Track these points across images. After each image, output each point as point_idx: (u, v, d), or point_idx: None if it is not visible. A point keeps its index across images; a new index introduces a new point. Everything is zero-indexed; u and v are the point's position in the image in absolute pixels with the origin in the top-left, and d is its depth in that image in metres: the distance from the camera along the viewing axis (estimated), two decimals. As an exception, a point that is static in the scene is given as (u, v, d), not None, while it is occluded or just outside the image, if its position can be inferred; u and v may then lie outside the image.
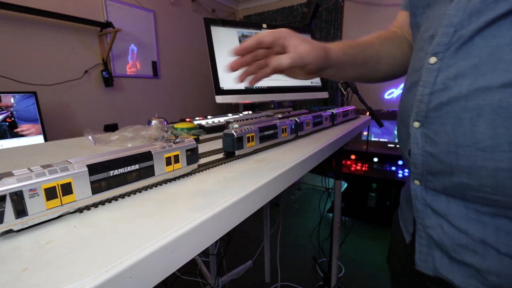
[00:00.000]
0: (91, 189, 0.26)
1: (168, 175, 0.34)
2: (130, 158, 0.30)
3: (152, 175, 0.32)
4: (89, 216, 0.26)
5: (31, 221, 0.23)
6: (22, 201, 0.22)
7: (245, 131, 0.46)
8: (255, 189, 0.34)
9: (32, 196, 0.22)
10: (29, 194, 0.22)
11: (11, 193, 0.21)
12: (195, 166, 0.38)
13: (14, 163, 0.45)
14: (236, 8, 3.58)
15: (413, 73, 0.40)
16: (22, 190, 0.22)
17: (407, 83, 0.42)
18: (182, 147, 0.35)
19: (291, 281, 1.54)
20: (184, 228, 0.24)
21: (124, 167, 0.29)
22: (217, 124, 0.78)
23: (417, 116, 0.37)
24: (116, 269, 0.18)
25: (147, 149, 0.31)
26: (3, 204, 0.21)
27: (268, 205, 1.52)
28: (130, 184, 0.30)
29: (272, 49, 0.41)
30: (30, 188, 0.22)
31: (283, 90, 1.15)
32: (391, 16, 2.75)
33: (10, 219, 0.21)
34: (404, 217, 0.48)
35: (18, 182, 0.22)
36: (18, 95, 1.43)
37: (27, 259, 0.19)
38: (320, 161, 0.56)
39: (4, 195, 0.21)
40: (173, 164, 0.34)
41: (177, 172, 0.35)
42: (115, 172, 0.28)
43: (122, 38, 2.22)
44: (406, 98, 0.41)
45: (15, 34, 1.63)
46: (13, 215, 0.22)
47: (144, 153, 0.31)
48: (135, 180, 0.30)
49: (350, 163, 2.43)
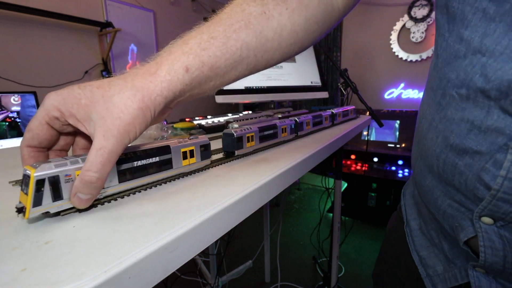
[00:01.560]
0: (118, 178, 0.28)
1: (184, 169, 0.36)
2: (151, 151, 0.32)
3: (170, 168, 0.34)
4: (89, 216, 0.26)
5: (65, 205, 0.25)
6: (59, 185, 0.24)
7: (245, 131, 0.46)
8: (255, 189, 0.33)
9: (67, 181, 0.24)
10: (65, 179, 0.24)
11: (50, 177, 0.23)
12: (208, 161, 0.41)
13: (14, 163, 0.45)
14: (236, 8, 3.58)
15: (466, 134, 0.29)
16: (59, 175, 0.24)
17: (451, 137, 0.31)
18: (196, 143, 0.38)
19: (291, 281, 1.54)
20: (184, 228, 0.24)
21: (146, 159, 0.31)
22: (217, 124, 0.78)
23: (492, 212, 0.28)
24: (115, 269, 0.18)
25: (166, 143, 0.34)
26: (42, 188, 0.23)
27: (268, 205, 1.52)
28: (151, 175, 0.32)
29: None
30: (66, 173, 0.24)
31: (283, 90, 1.15)
32: (391, 16, 2.75)
33: (47, 202, 0.23)
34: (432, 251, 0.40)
35: (56, 168, 0.23)
36: (22, 98, 1.42)
37: (26, 259, 0.19)
38: (320, 161, 0.56)
39: (43, 179, 0.23)
40: (188, 159, 0.37)
41: (192, 166, 0.38)
42: (138, 163, 0.30)
43: (122, 38, 2.22)
44: (451, 161, 0.31)
45: (15, 34, 1.63)
46: (51, 198, 0.23)
47: (163, 147, 0.33)
48: (156, 172, 0.32)
49: (350, 163, 2.43)
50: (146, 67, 0.27)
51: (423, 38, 2.65)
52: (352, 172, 2.26)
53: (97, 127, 0.23)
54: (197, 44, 0.28)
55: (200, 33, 0.29)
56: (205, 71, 0.28)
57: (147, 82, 0.25)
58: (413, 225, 0.44)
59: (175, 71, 0.27)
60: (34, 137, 0.25)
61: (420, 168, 0.39)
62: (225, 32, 0.29)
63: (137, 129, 0.25)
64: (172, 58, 0.27)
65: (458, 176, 0.31)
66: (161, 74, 0.26)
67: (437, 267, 0.39)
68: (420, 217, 0.43)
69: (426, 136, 0.36)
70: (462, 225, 0.32)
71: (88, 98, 0.24)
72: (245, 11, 0.31)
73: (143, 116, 0.25)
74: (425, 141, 0.36)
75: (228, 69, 0.30)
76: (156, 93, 0.25)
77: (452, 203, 0.33)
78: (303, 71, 1.29)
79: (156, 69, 0.26)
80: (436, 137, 0.33)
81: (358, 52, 3.04)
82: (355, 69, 2.91)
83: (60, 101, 0.24)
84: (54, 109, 0.24)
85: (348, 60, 3.05)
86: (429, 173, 0.36)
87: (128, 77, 0.26)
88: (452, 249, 0.38)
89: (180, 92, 0.27)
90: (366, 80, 2.98)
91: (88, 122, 0.24)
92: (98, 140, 0.23)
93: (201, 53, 0.28)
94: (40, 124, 0.25)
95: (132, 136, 0.25)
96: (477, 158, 0.29)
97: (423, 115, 0.38)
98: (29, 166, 0.23)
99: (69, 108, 0.24)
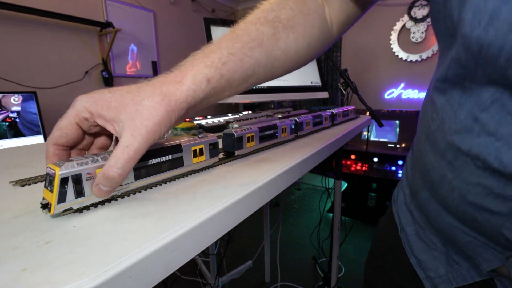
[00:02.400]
0: (134, 175, 0.30)
1: (194, 166, 0.38)
2: (164, 149, 0.33)
3: (182, 165, 0.36)
4: (89, 216, 0.26)
5: (87, 201, 0.26)
6: (81, 183, 0.25)
7: (245, 131, 0.46)
8: (255, 189, 0.33)
9: (88, 179, 0.26)
10: (86, 177, 0.26)
11: (73, 175, 0.25)
12: (216, 159, 0.42)
13: (14, 163, 0.45)
14: (236, 8, 3.58)
15: (485, 196, 0.29)
16: (81, 173, 0.25)
17: (468, 196, 0.31)
18: (206, 142, 0.39)
19: (291, 281, 1.54)
20: (184, 228, 0.24)
21: (160, 157, 0.32)
22: (217, 124, 0.78)
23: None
24: (115, 269, 0.18)
25: (178, 142, 0.35)
26: (66, 185, 0.24)
27: (268, 205, 1.52)
28: (164, 172, 0.33)
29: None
30: (88, 172, 0.26)
31: (283, 90, 1.15)
32: (391, 16, 2.75)
33: (71, 198, 0.25)
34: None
35: (78, 166, 0.25)
36: (22, 100, 1.42)
37: (27, 259, 0.19)
38: (320, 161, 0.56)
39: (67, 177, 0.24)
40: (198, 157, 0.38)
41: (201, 164, 0.39)
42: (152, 161, 0.32)
43: (122, 38, 2.22)
44: (471, 214, 0.31)
45: (15, 34, 1.63)
46: (74, 195, 0.25)
47: (175, 145, 0.35)
48: (168, 169, 0.34)
49: (350, 163, 2.43)
50: (172, 76, 0.30)
51: (423, 38, 2.65)
52: (352, 172, 2.26)
53: (126, 126, 0.26)
54: (218, 58, 0.31)
55: (220, 48, 0.32)
56: (222, 83, 0.32)
57: (174, 89, 0.28)
58: (409, 230, 0.45)
59: (199, 81, 0.30)
60: (62, 135, 0.27)
61: (430, 203, 0.38)
62: (242, 49, 0.33)
63: (162, 130, 0.28)
64: (195, 69, 0.30)
65: (479, 226, 0.31)
66: (186, 83, 0.29)
67: (439, 269, 0.40)
68: (415, 223, 0.44)
69: (438, 185, 0.35)
70: (484, 256, 0.33)
71: (118, 101, 0.26)
72: (259, 31, 0.34)
73: (169, 119, 0.28)
74: (437, 187, 0.36)
75: (241, 81, 0.34)
76: (181, 100, 0.29)
77: (473, 240, 0.33)
78: (303, 71, 1.29)
79: (181, 78, 0.29)
80: (451, 191, 0.33)
81: (358, 52, 3.04)
82: (355, 69, 2.91)
83: (91, 103, 0.26)
84: (84, 110, 0.26)
85: (348, 60, 3.05)
86: (446, 213, 0.36)
87: (156, 83, 0.29)
88: (459, 254, 0.38)
89: (201, 100, 0.31)
90: (366, 80, 2.98)
91: (116, 122, 0.26)
92: (126, 138, 0.25)
93: (221, 67, 0.31)
94: (70, 124, 0.27)
95: (157, 136, 0.27)
96: (497, 216, 0.29)
97: (428, 161, 0.37)
98: (52, 165, 0.24)
99: (99, 109, 0.26)
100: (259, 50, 0.34)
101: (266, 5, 0.37)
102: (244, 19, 0.36)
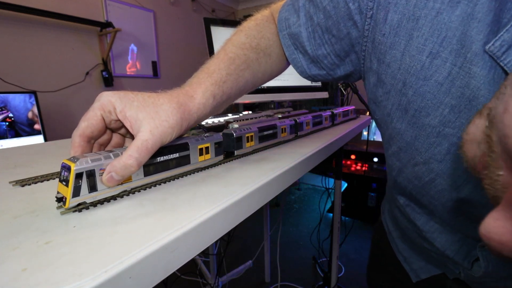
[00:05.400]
0: (143, 172, 0.31)
1: (200, 164, 0.39)
2: (171, 147, 0.34)
3: (188, 163, 0.37)
4: (89, 216, 0.26)
5: (100, 196, 0.27)
6: (94, 178, 0.27)
7: (244, 131, 0.46)
8: (255, 189, 0.33)
9: (101, 175, 0.27)
10: (99, 173, 0.27)
11: (87, 171, 0.26)
12: (221, 157, 0.43)
13: (14, 163, 0.45)
14: (236, 8, 3.58)
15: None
16: (94, 169, 0.26)
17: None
18: (211, 140, 0.40)
19: (291, 281, 1.54)
20: (184, 228, 0.24)
21: (168, 154, 0.34)
22: (216, 124, 0.78)
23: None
24: (115, 269, 0.18)
25: (185, 141, 0.36)
26: (80, 180, 0.25)
27: (268, 205, 1.52)
28: (172, 170, 0.35)
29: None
30: (101, 167, 0.27)
31: (283, 90, 1.15)
32: (391, 16, 2.75)
33: (84, 193, 0.26)
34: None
35: (92, 162, 0.26)
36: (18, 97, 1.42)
37: (27, 259, 0.19)
38: (320, 161, 0.56)
39: (81, 172, 0.25)
40: (204, 155, 0.39)
41: (207, 162, 0.40)
42: (161, 158, 0.33)
43: (122, 38, 2.22)
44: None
45: (15, 34, 1.63)
46: (87, 190, 0.26)
47: (182, 144, 0.36)
48: (175, 166, 0.35)
49: (350, 163, 2.43)
50: (184, 90, 0.35)
51: (423, 38, 2.64)
52: (352, 172, 2.26)
53: (145, 124, 0.29)
54: (219, 78, 0.38)
55: (220, 69, 0.38)
56: (224, 98, 0.38)
57: (188, 101, 0.33)
58: (394, 235, 0.53)
59: (207, 97, 0.36)
60: (89, 126, 0.29)
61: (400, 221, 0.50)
62: (236, 70, 0.40)
63: (174, 133, 0.31)
64: (203, 87, 0.36)
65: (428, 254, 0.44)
66: (197, 98, 0.35)
67: (420, 262, 0.48)
68: (397, 229, 0.52)
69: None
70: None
71: (140, 101, 0.30)
72: (246, 56, 0.42)
73: (181, 125, 0.32)
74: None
75: (236, 96, 0.43)
76: (193, 111, 0.34)
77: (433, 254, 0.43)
78: (303, 71, 1.28)
79: (193, 93, 0.35)
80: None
81: (358, 52, 3.03)
82: (355, 69, 2.90)
83: (116, 99, 0.29)
84: (109, 104, 0.29)
85: (348, 60, 3.04)
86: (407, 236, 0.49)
87: (173, 94, 0.33)
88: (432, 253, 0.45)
89: (206, 114, 0.36)
90: (366, 80, 2.98)
91: (134, 120, 0.29)
92: (144, 133, 0.28)
93: (223, 85, 0.38)
94: (95, 115, 0.29)
95: (169, 138, 0.31)
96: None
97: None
98: (67, 160, 0.26)
99: (122, 105, 0.29)
100: (248, 71, 0.42)
101: (247, 30, 0.45)
102: (231, 42, 0.43)
